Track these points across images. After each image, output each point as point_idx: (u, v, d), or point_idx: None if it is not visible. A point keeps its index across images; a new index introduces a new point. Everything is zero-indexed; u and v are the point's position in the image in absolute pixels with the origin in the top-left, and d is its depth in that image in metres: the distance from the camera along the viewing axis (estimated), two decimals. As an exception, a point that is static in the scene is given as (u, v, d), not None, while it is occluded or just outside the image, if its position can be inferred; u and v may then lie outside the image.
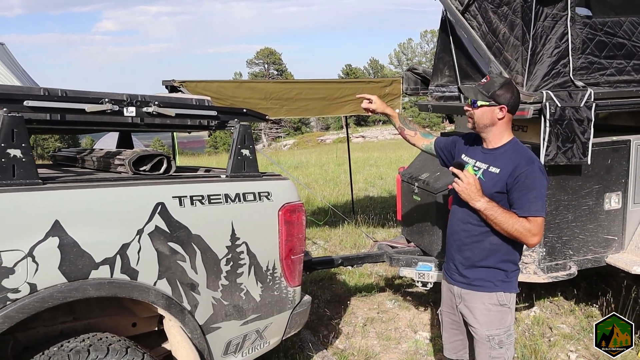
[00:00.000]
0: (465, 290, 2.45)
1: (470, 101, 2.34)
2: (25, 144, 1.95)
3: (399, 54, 62.53)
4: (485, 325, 2.39)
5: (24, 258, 1.85)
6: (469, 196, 2.27)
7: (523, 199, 2.24)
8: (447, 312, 2.65)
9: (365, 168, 14.49)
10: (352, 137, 35.42)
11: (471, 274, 2.42)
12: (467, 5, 3.91)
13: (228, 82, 5.75)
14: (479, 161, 2.42)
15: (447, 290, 2.62)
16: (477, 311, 2.40)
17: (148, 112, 2.38)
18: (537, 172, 2.25)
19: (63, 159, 3.31)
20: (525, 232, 2.22)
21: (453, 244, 2.50)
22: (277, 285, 2.65)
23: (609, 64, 3.50)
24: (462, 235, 2.43)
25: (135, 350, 2.12)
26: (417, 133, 2.85)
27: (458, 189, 2.30)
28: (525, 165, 2.25)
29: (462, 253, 2.45)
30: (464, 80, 4.16)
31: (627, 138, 3.66)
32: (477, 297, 2.40)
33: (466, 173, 2.29)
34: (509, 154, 2.33)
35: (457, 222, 2.46)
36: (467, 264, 2.43)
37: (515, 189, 2.25)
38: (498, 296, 2.37)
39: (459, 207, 2.45)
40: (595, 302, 4.34)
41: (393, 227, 6.99)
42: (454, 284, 2.51)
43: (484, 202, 2.25)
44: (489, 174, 2.35)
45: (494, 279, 2.37)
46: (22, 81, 5.02)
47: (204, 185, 2.40)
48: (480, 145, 2.47)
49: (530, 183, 2.23)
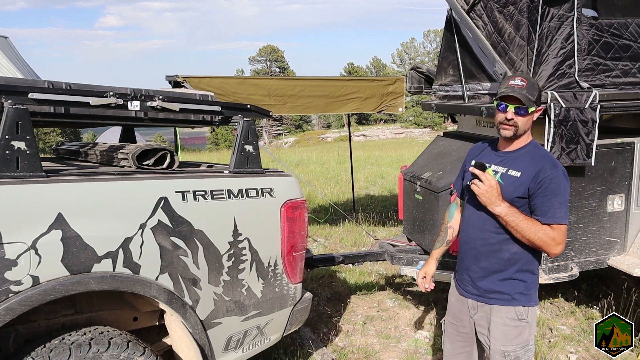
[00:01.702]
0: (480, 304, 2.29)
1: (516, 109, 2.12)
2: (29, 137, 1.95)
3: (402, 53, 62.44)
4: (501, 341, 2.23)
5: (27, 250, 1.85)
6: (490, 200, 2.11)
7: (547, 204, 2.10)
8: (453, 324, 2.47)
9: (366, 167, 14.48)
10: (354, 135, 35.41)
11: (488, 286, 2.25)
12: (472, 4, 3.90)
13: (231, 78, 5.75)
14: (495, 164, 2.26)
15: (457, 302, 2.44)
16: (493, 325, 2.25)
17: (152, 106, 2.38)
18: (562, 176, 2.12)
19: (66, 153, 3.31)
20: (549, 241, 2.09)
21: (467, 253, 2.32)
22: (279, 282, 2.65)
23: (615, 65, 3.49)
24: (478, 243, 2.26)
25: (136, 345, 2.12)
26: (449, 224, 2.59)
27: (478, 191, 2.13)
28: (550, 169, 2.11)
29: (478, 263, 2.27)
30: (468, 79, 4.15)
31: (632, 140, 3.65)
32: (494, 310, 2.25)
33: (487, 175, 2.14)
34: (530, 156, 2.19)
35: (473, 229, 2.29)
36: (483, 274, 2.26)
37: (539, 194, 2.11)
38: (517, 310, 2.21)
39: (474, 213, 2.27)
40: (596, 304, 4.34)
41: (394, 226, 6.99)
42: (468, 296, 2.34)
43: (504, 207, 2.10)
44: (508, 178, 2.19)
45: (512, 291, 2.22)
46: (25, 74, 5.00)
47: (207, 180, 2.40)
48: (492, 149, 2.34)
49: (554, 188, 2.10)
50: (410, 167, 4.62)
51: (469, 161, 2.39)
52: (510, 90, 2.12)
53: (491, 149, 2.36)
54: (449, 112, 4.90)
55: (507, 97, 2.14)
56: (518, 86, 2.12)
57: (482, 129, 4.32)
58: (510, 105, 2.13)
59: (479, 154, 2.39)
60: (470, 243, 2.30)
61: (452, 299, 2.49)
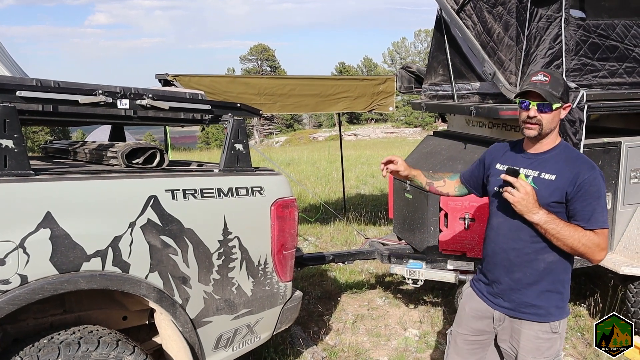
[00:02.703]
0: (511, 318, 2.17)
1: (538, 105, 2.00)
2: (17, 135, 1.93)
3: (393, 52, 62.58)
4: (532, 353, 2.11)
5: (15, 249, 1.84)
6: (527, 208, 1.96)
7: (589, 209, 1.97)
8: (465, 335, 2.31)
9: (357, 166, 14.51)
10: (345, 134, 35.44)
11: (522, 299, 2.12)
12: (462, 4, 3.93)
13: (221, 77, 5.73)
14: (524, 168, 2.11)
15: (475, 312, 2.28)
16: (525, 337, 2.12)
17: (142, 104, 2.37)
18: (600, 178, 2.00)
19: (55, 151, 3.29)
20: (594, 247, 1.95)
21: (499, 264, 2.16)
22: (269, 280, 2.65)
23: (602, 66, 3.53)
24: (511, 254, 2.11)
25: (125, 344, 2.12)
26: (445, 180, 2.52)
27: (513, 199, 1.97)
28: (588, 172, 1.99)
29: (511, 275, 2.13)
30: (457, 79, 4.18)
31: (618, 140, 3.70)
32: (527, 324, 2.12)
33: (521, 181, 1.98)
34: (563, 158, 2.06)
35: (504, 238, 2.13)
36: (517, 287, 2.12)
37: (578, 198, 1.98)
38: (551, 325, 2.10)
39: (506, 221, 2.12)
40: (583, 301, 4.40)
41: (384, 225, 7.02)
42: (497, 309, 2.19)
43: (543, 215, 1.96)
44: (542, 182, 2.05)
45: (549, 304, 2.09)
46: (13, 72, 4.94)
47: (196, 179, 2.40)
48: (519, 151, 2.19)
49: (595, 191, 1.98)
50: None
51: (491, 162, 2.27)
52: (532, 86, 2.00)
53: (516, 151, 2.21)
54: (439, 112, 4.94)
55: (529, 94, 2.02)
56: (540, 82, 2.00)
57: (471, 128, 4.36)
58: (532, 102, 2.00)
59: (502, 155, 2.24)
60: (502, 254, 2.14)
61: (467, 309, 2.32)
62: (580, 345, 3.76)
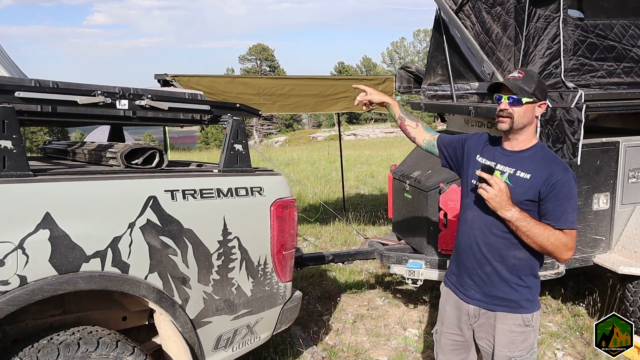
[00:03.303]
0: (484, 310, 2.22)
1: (508, 99, 2.08)
2: (16, 135, 1.93)
3: (392, 52, 62.61)
4: (507, 347, 2.16)
5: (14, 250, 1.84)
6: (500, 205, 2.02)
7: (560, 209, 2.04)
8: (448, 333, 2.36)
9: (356, 166, 14.52)
10: (344, 134, 35.43)
11: (493, 292, 2.18)
12: (461, 4, 3.94)
13: (221, 77, 5.74)
14: (501, 164, 2.17)
15: (453, 309, 2.33)
16: (499, 332, 2.18)
17: (141, 105, 2.37)
18: (572, 180, 2.07)
19: (53, 152, 3.29)
20: (561, 246, 2.02)
21: (471, 257, 2.23)
22: (268, 281, 2.66)
23: (600, 66, 3.54)
24: (484, 248, 2.17)
25: (125, 344, 2.12)
26: (418, 125, 2.55)
27: (487, 196, 2.03)
28: (562, 173, 2.05)
29: (482, 268, 2.19)
30: (456, 79, 4.18)
31: (616, 140, 3.71)
32: (501, 317, 2.18)
33: (496, 178, 2.04)
34: (539, 158, 2.12)
35: (478, 232, 2.19)
36: (487, 280, 2.19)
37: (551, 198, 2.05)
38: (524, 317, 2.16)
39: (480, 216, 2.18)
40: (582, 301, 4.40)
41: (384, 225, 7.02)
42: (471, 302, 2.25)
43: (515, 212, 2.02)
44: (517, 179, 2.11)
45: (519, 297, 2.16)
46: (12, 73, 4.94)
47: (196, 179, 2.40)
48: (498, 146, 2.24)
49: (567, 192, 2.05)
50: (399, 166, 4.64)
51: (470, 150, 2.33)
52: (505, 81, 2.10)
53: (495, 145, 2.27)
54: (438, 112, 4.94)
55: (502, 89, 2.13)
56: (514, 77, 2.10)
57: (470, 128, 4.36)
58: (504, 95, 2.10)
59: (482, 147, 2.30)
60: (474, 247, 2.20)
61: (447, 307, 2.37)
62: (579, 344, 3.76)
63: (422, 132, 2.55)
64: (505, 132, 2.17)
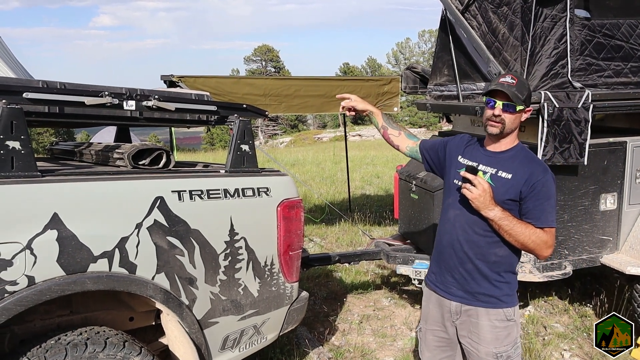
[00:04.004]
0: (467, 307, 2.24)
1: (504, 105, 2.10)
2: (24, 136, 1.94)
3: (397, 53, 62.52)
4: (492, 343, 2.20)
5: (22, 250, 1.85)
6: (483, 204, 2.07)
7: (540, 208, 2.10)
8: (432, 330, 2.39)
9: (362, 166, 14.50)
10: (349, 135, 35.41)
11: (475, 288, 2.22)
12: (467, 5, 3.93)
13: (226, 78, 5.75)
14: (483, 164, 2.21)
15: (436, 306, 2.36)
16: (483, 329, 2.21)
17: (148, 106, 2.37)
18: (552, 181, 2.13)
19: (60, 153, 3.30)
20: (541, 244, 2.09)
21: (453, 255, 2.26)
22: (275, 281, 2.66)
23: (607, 65, 3.52)
24: (465, 246, 2.21)
25: (132, 344, 2.12)
26: (401, 133, 2.59)
27: (471, 196, 2.07)
28: (542, 173, 2.11)
29: (464, 265, 2.23)
30: (463, 79, 4.17)
31: (624, 140, 3.69)
32: (483, 313, 2.22)
33: (479, 179, 2.08)
34: (520, 159, 2.17)
35: (460, 231, 2.23)
36: (469, 277, 2.22)
37: (531, 198, 2.10)
38: (505, 312, 2.21)
39: (462, 215, 2.22)
40: (589, 302, 4.38)
41: (389, 225, 7.01)
42: (453, 299, 2.28)
43: (498, 211, 2.07)
44: (498, 179, 2.16)
45: (499, 293, 2.21)
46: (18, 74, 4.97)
47: (203, 180, 2.40)
48: (479, 147, 2.29)
49: (546, 192, 2.10)
50: (405, 167, 4.64)
51: (452, 152, 2.36)
52: (500, 86, 2.10)
53: (478, 146, 2.31)
54: (444, 112, 4.93)
55: (496, 94, 2.13)
56: (508, 83, 2.11)
57: (477, 128, 4.35)
58: (498, 101, 2.11)
59: (464, 149, 2.34)
60: (456, 245, 2.24)
61: (430, 305, 2.40)
62: (587, 345, 3.74)
63: (404, 140, 2.59)
64: (493, 136, 2.20)
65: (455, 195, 2.25)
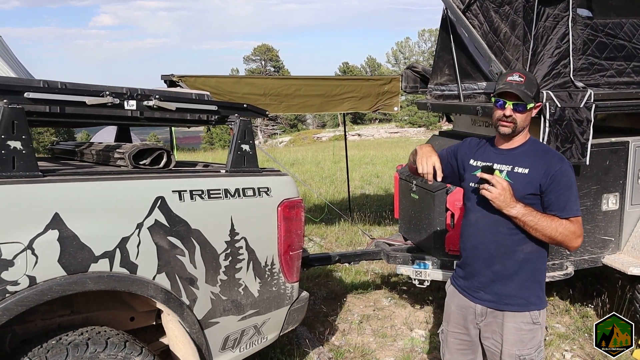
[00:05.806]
0: (490, 310, 2.20)
1: (514, 105, 2.07)
2: (25, 136, 1.94)
3: (397, 52, 62.53)
4: (516, 345, 2.16)
5: (24, 250, 1.84)
6: (505, 203, 2.03)
7: (563, 199, 2.06)
8: (455, 332, 2.35)
9: (361, 166, 14.49)
10: (349, 135, 35.40)
11: (502, 290, 2.17)
12: (468, 4, 3.92)
13: (227, 78, 5.74)
14: (497, 163, 2.18)
15: (459, 309, 2.32)
16: (508, 330, 2.17)
17: (149, 105, 2.37)
18: (570, 169, 2.10)
19: (61, 152, 3.29)
20: (570, 235, 2.04)
21: (479, 258, 2.21)
22: (276, 281, 2.65)
23: (609, 65, 3.51)
24: (491, 247, 2.16)
25: (133, 344, 2.12)
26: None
27: (491, 196, 2.04)
28: (559, 163, 2.09)
29: (491, 267, 2.18)
30: (464, 79, 4.16)
31: (626, 140, 3.68)
32: (509, 315, 2.17)
33: (497, 178, 2.05)
34: (534, 152, 2.15)
35: (484, 232, 2.18)
36: (497, 279, 2.17)
37: (552, 189, 2.07)
38: (532, 315, 2.16)
39: (485, 216, 2.17)
40: (591, 302, 4.37)
41: (389, 225, 7.00)
42: (478, 302, 2.23)
43: (520, 208, 2.03)
44: (516, 176, 2.12)
45: (529, 295, 2.16)
46: (19, 74, 4.97)
47: (203, 180, 2.39)
48: (491, 147, 2.27)
49: (567, 181, 2.07)
50: (406, 167, 4.62)
51: (464, 157, 2.32)
52: (509, 87, 2.07)
53: (489, 146, 2.28)
54: (445, 111, 4.92)
55: (505, 94, 2.10)
56: (516, 82, 2.08)
57: (477, 128, 4.34)
58: (508, 102, 2.08)
59: (475, 151, 2.31)
60: (482, 247, 2.19)
61: (453, 306, 2.37)
62: (588, 346, 3.73)
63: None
64: (505, 135, 2.17)
65: (474, 198, 2.22)
